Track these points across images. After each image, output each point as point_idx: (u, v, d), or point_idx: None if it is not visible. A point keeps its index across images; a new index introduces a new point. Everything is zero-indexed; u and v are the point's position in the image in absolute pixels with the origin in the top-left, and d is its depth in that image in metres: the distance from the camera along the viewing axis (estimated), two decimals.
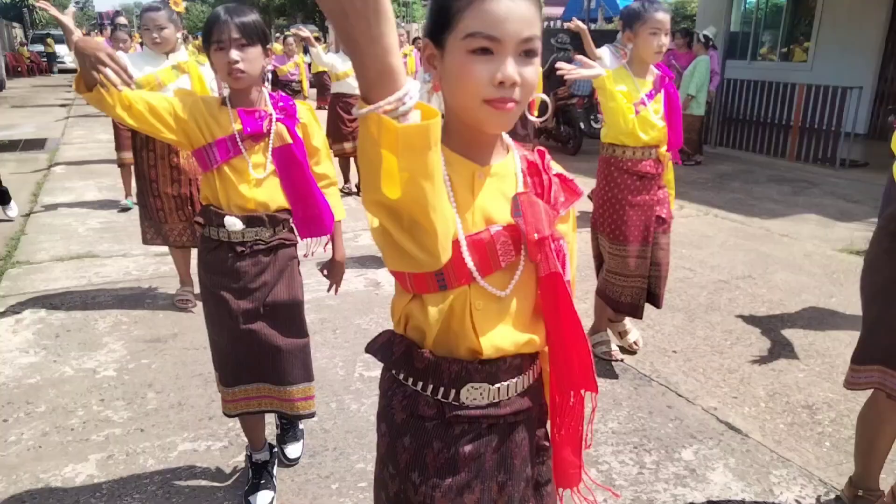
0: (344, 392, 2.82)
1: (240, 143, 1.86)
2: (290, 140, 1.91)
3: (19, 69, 23.78)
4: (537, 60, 0.92)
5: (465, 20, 0.89)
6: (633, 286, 2.93)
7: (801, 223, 5.64)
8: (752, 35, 12.17)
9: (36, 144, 9.20)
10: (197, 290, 3.49)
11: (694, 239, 5.11)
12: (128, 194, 5.70)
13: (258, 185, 1.90)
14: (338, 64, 6.08)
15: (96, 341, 3.27)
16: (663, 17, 2.67)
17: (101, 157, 8.37)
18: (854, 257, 4.66)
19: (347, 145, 6.19)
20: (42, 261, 4.41)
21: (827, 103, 8.00)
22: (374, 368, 3.01)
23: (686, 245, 4.94)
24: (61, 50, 26.48)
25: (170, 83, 3.29)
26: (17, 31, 28.71)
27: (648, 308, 3.72)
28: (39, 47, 26.34)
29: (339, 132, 6.11)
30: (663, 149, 2.86)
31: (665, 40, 2.73)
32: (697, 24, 13.25)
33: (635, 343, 3.21)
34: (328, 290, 2.21)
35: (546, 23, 15.70)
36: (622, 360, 3.10)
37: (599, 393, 2.75)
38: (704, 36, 7.88)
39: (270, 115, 1.91)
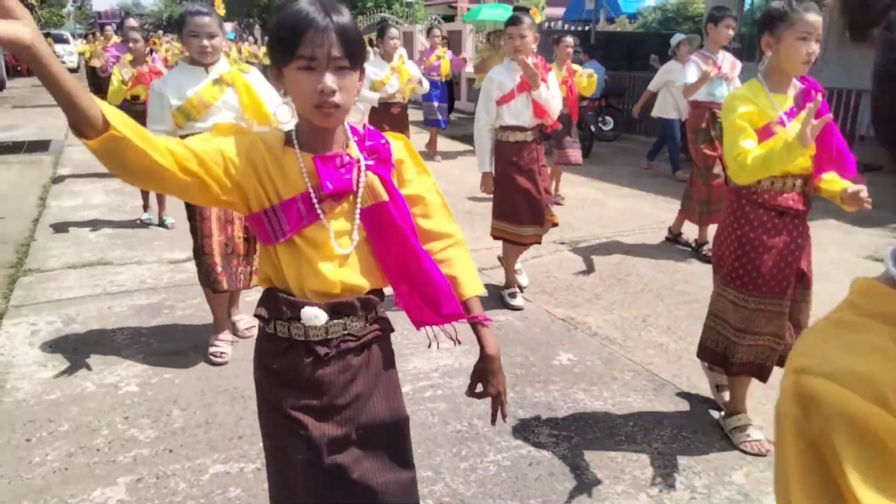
0: None
1: (317, 206, 1.28)
2: (385, 196, 1.32)
3: (19, 68, 23.61)
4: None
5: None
6: (762, 345, 2.37)
7: (821, 229, 5.55)
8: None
9: (40, 146, 9.09)
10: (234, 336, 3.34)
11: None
12: (147, 206, 5.48)
13: (344, 261, 1.32)
14: (370, 72, 5.74)
15: (116, 354, 3.17)
16: (815, 19, 2.17)
17: None
18: (881, 265, 4.58)
19: None
20: (54, 268, 4.32)
21: (841, 106, 7.93)
22: (405, 384, 2.92)
23: (708, 251, 4.86)
24: (61, 50, 26.34)
25: (215, 101, 2.89)
26: None
27: (681, 320, 3.66)
28: None
29: None
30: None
31: (816, 48, 2.21)
32: (704, 25, 13.19)
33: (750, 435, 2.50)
34: (492, 422, 1.51)
35: (547, 24, 15.64)
36: (766, 454, 2.44)
37: (639, 410, 2.68)
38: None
39: (357, 160, 1.32)
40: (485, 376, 1.45)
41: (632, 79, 11.10)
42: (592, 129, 8.99)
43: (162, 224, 5.32)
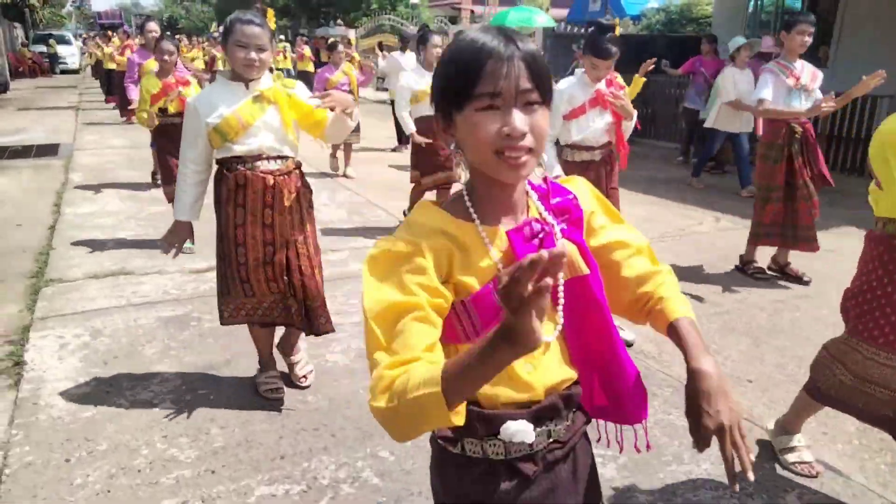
0: None
1: None
2: (585, 269, 1.06)
3: (21, 70, 23.55)
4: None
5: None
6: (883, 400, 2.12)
7: (843, 237, 5.53)
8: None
9: (49, 150, 9.05)
10: (282, 367, 3.04)
11: (739, 254, 5.00)
12: None
13: (544, 354, 1.06)
14: (412, 82, 5.09)
15: (147, 369, 3.13)
16: None
17: (118, 163, 8.24)
18: None
19: (442, 175, 5.10)
20: (76, 278, 4.28)
21: (856, 112, 7.91)
22: None
23: (734, 261, 4.83)
24: (63, 51, 26.31)
25: (255, 121, 2.56)
26: (19, 32, 28.46)
27: (715, 333, 3.62)
28: (41, 48, 26.10)
29: (429, 163, 5.06)
30: None
31: None
32: (713, 27, 13.17)
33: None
34: (730, 483, 1.02)
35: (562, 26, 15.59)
36: (817, 476, 2.40)
37: (683, 429, 2.64)
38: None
39: (551, 226, 1.06)
40: (697, 405, 1.02)
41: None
42: None
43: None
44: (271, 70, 2.71)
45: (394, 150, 9.42)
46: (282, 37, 22.28)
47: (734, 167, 8.35)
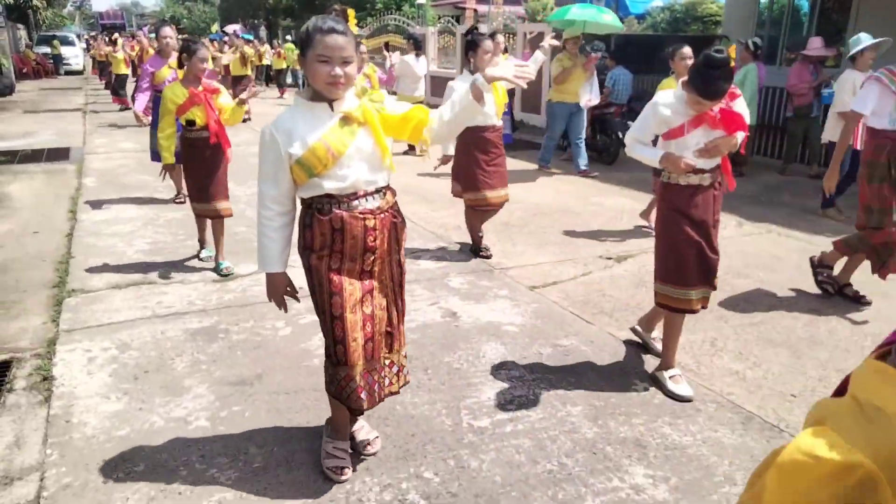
0: (458, 446, 2.63)
1: None
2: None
3: (25, 71, 23.51)
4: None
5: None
6: None
7: None
8: (780, 39, 12.00)
9: (60, 154, 9.00)
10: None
11: (766, 261, 4.93)
12: (204, 242, 4.79)
13: None
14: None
15: (178, 384, 3.08)
16: None
17: (130, 167, 8.20)
18: None
19: (491, 194, 4.75)
20: (98, 288, 4.22)
21: None
22: (482, 417, 2.84)
23: (761, 268, 4.77)
24: (67, 52, 26.26)
25: (346, 149, 2.11)
26: (22, 33, 28.41)
27: (752, 344, 3.56)
28: (44, 49, 26.06)
29: (473, 178, 4.74)
30: None
31: None
32: (724, 28, 13.10)
33: None
34: None
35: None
36: None
37: (731, 447, 2.58)
38: (753, 43, 7.69)
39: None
40: None
41: (655, 82, 11.00)
42: (620, 134, 8.88)
43: (217, 270, 4.49)
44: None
45: (406, 152, 9.32)
46: (288, 37, 22.21)
47: (747, 167, 8.28)
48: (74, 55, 26.60)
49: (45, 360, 3.27)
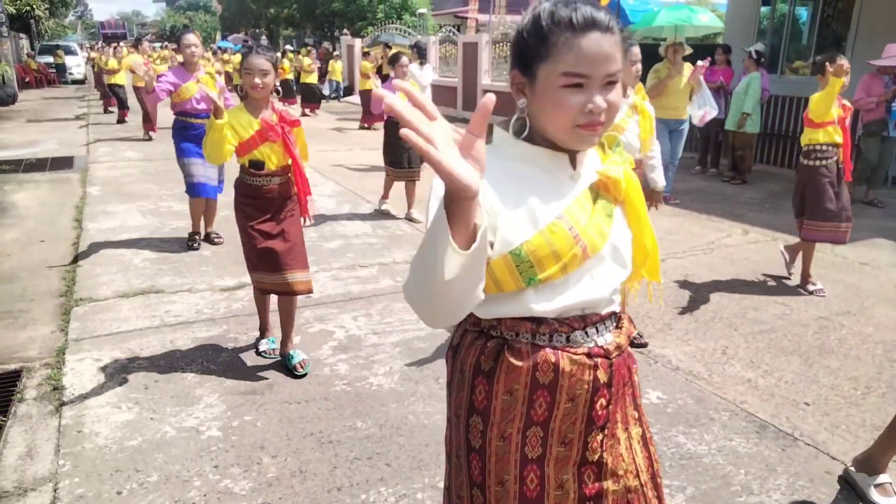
0: None
1: None
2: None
3: (27, 80, 23.57)
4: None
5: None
6: None
7: (874, 249, 5.47)
8: (782, 48, 12.05)
9: (64, 163, 9.00)
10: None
11: (773, 269, 4.93)
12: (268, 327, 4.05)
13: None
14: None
15: (189, 394, 3.07)
16: None
17: (134, 176, 8.20)
18: None
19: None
20: (106, 297, 4.21)
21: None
22: None
23: (768, 275, 4.77)
24: (69, 61, 26.35)
25: (605, 241, 1.21)
26: (24, 43, 28.51)
27: (763, 352, 3.55)
28: (46, 58, 26.14)
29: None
30: None
31: None
32: (725, 37, 13.15)
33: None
34: None
35: None
36: None
37: (747, 456, 2.57)
38: (756, 52, 7.72)
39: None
40: None
41: None
42: None
43: (288, 364, 3.28)
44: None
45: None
46: (288, 47, 22.30)
47: (750, 174, 8.29)
48: (76, 64, 26.68)
49: (55, 370, 3.26)
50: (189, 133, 5.07)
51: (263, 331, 3.52)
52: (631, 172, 1.27)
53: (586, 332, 1.21)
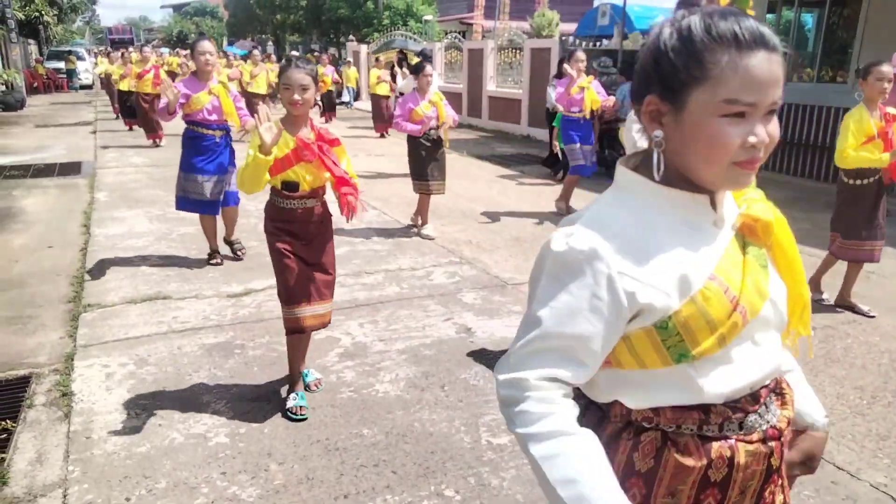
0: (478, 464, 2.63)
1: None
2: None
3: (35, 86, 23.76)
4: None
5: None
6: None
7: (882, 257, 5.45)
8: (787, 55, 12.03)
9: (72, 169, 9.07)
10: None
11: None
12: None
13: None
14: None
15: (197, 400, 3.09)
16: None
17: (142, 181, 8.26)
18: None
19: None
20: (114, 303, 4.24)
21: None
22: (501, 434, 2.83)
23: None
24: (79, 66, 26.56)
25: (764, 301, 0.99)
26: (33, 48, 28.75)
27: None
28: (55, 63, 26.35)
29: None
30: None
31: None
32: None
33: None
34: None
35: (562, 39, 15.62)
36: None
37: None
38: None
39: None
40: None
41: None
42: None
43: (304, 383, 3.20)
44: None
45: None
46: (294, 53, 22.41)
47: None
48: (84, 70, 26.89)
49: (64, 376, 3.29)
50: (200, 144, 4.80)
51: (293, 384, 3.05)
52: (775, 209, 1.06)
53: (759, 414, 1.01)
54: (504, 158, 10.90)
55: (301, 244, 2.87)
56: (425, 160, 5.84)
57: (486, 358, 3.55)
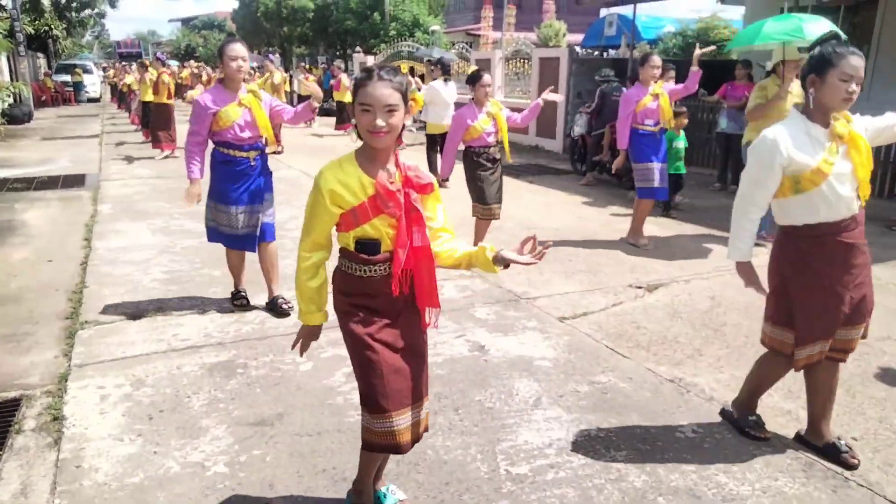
0: (497, 496, 2.43)
1: None
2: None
3: (43, 99, 23.83)
4: None
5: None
6: None
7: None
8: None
9: (76, 181, 8.96)
10: None
11: None
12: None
13: None
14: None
15: (195, 425, 2.90)
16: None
17: (146, 193, 8.13)
18: None
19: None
20: (113, 320, 4.08)
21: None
22: (520, 463, 2.63)
23: None
24: (85, 80, 26.66)
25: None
26: (42, 62, 28.89)
27: (798, 380, 3.34)
28: (63, 77, 26.46)
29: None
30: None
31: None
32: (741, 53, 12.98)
33: None
34: None
35: (570, 47, 15.47)
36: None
37: (795, 497, 2.37)
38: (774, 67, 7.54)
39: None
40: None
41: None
42: None
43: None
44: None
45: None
46: (303, 63, 22.41)
47: None
48: (92, 83, 26.98)
49: (56, 398, 3.12)
50: (232, 170, 3.95)
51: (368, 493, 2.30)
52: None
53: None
54: (513, 169, 10.72)
55: (386, 324, 2.05)
56: (486, 181, 5.15)
57: (502, 378, 3.36)
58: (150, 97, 11.69)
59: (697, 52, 5.72)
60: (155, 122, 11.33)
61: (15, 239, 6.02)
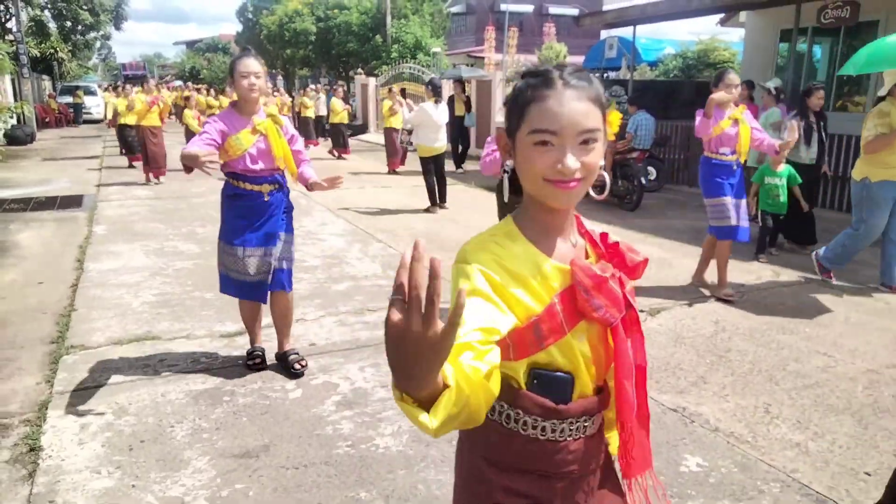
0: None
1: None
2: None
3: (47, 120, 23.96)
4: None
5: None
6: None
7: None
8: (798, 85, 11.86)
9: (73, 202, 8.91)
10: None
11: (812, 313, 4.60)
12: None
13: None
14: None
15: (177, 457, 2.78)
16: None
17: (142, 214, 8.06)
18: None
19: None
20: (99, 344, 3.97)
21: None
22: None
23: (809, 323, 4.43)
24: (88, 101, 26.83)
25: None
26: (46, 84, 29.12)
27: (810, 410, 3.22)
28: (67, 98, 26.64)
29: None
30: None
31: None
32: (742, 74, 13.01)
33: None
34: None
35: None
36: None
37: None
38: (775, 88, 7.53)
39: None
40: None
41: (675, 128, 10.88)
42: (643, 181, 8.67)
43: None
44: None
45: (427, 210, 8.55)
46: (311, 85, 22.51)
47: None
48: (95, 105, 27.13)
49: (34, 427, 3.00)
50: (242, 205, 3.40)
51: None
52: None
53: None
54: None
55: None
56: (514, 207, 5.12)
57: None
58: (129, 120, 11.39)
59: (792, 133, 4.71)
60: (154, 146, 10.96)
61: (6, 260, 5.93)
